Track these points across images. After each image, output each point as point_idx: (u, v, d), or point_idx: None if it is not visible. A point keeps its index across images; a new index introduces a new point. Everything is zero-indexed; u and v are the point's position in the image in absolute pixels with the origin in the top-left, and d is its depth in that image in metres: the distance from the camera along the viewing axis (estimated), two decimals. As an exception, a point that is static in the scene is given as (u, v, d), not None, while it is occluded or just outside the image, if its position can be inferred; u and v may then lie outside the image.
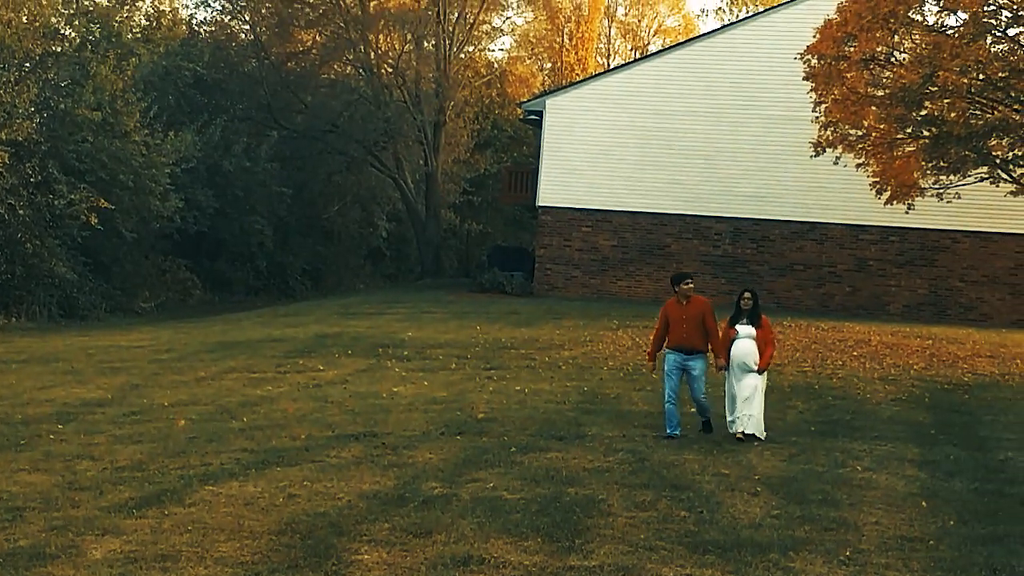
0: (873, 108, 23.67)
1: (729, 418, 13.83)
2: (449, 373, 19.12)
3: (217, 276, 44.25)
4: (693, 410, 14.51)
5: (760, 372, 13.77)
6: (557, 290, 35.47)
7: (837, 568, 8.56)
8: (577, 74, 56.48)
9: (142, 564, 8.25)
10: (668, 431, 13.65)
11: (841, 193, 32.40)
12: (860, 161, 25.59)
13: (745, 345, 13.84)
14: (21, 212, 31.67)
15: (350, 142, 46.93)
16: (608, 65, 60.70)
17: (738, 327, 13.96)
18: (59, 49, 35.83)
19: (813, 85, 24.81)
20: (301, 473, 11.36)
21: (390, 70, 47.07)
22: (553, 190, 35.55)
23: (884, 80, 23.75)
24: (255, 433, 13.65)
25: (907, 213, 27.41)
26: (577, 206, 35.46)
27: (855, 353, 22.40)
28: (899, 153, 24.24)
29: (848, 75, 23.59)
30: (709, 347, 13.97)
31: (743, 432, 13.51)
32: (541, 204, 35.81)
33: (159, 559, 8.39)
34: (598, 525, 9.56)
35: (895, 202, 25.67)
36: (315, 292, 46.54)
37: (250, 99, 47.19)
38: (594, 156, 35.05)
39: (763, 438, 13.56)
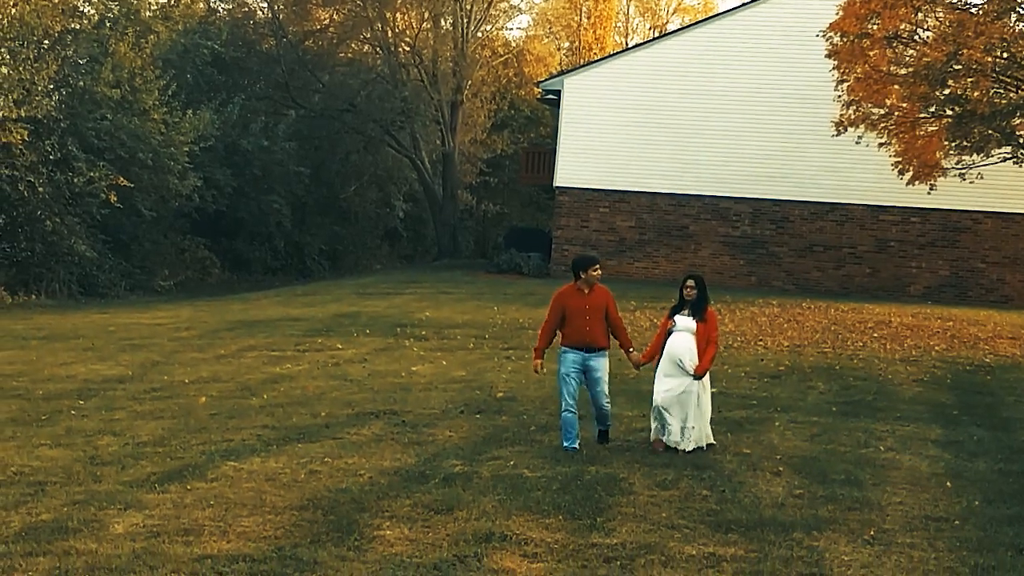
0: (896, 87, 23.54)
1: (654, 424, 11.79)
2: (467, 353, 19.09)
3: (235, 255, 44.37)
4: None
5: (698, 378, 11.61)
6: (575, 270, 35.25)
7: (861, 548, 8.49)
8: (595, 53, 56.19)
9: (165, 538, 8.24)
10: (565, 444, 11.67)
11: (862, 173, 32.18)
12: (882, 140, 25.46)
13: (681, 340, 11.65)
14: (40, 190, 31.79)
15: (367, 122, 46.88)
16: (627, 44, 60.43)
17: (676, 318, 11.80)
18: (78, 26, 35.80)
19: (836, 63, 24.65)
20: (322, 450, 11.35)
21: (407, 49, 46.96)
22: (570, 171, 35.40)
23: (907, 58, 23.64)
24: (275, 410, 13.66)
25: (929, 193, 27.30)
26: (595, 187, 35.31)
27: (876, 334, 22.29)
28: (922, 132, 24.10)
29: (871, 53, 23.46)
30: (614, 342, 11.99)
31: (666, 446, 11.58)
32: (558, 185, 35.70)
33: (181, 533, 8.38)
34: (620, 503, 9.52)
35: (917, 182, 25.53)
36: (332, 272, 46.57)
37: (268, 78, 47.26)
38: (612, 136, 34.84)
39: (711, 444, 11.81)
